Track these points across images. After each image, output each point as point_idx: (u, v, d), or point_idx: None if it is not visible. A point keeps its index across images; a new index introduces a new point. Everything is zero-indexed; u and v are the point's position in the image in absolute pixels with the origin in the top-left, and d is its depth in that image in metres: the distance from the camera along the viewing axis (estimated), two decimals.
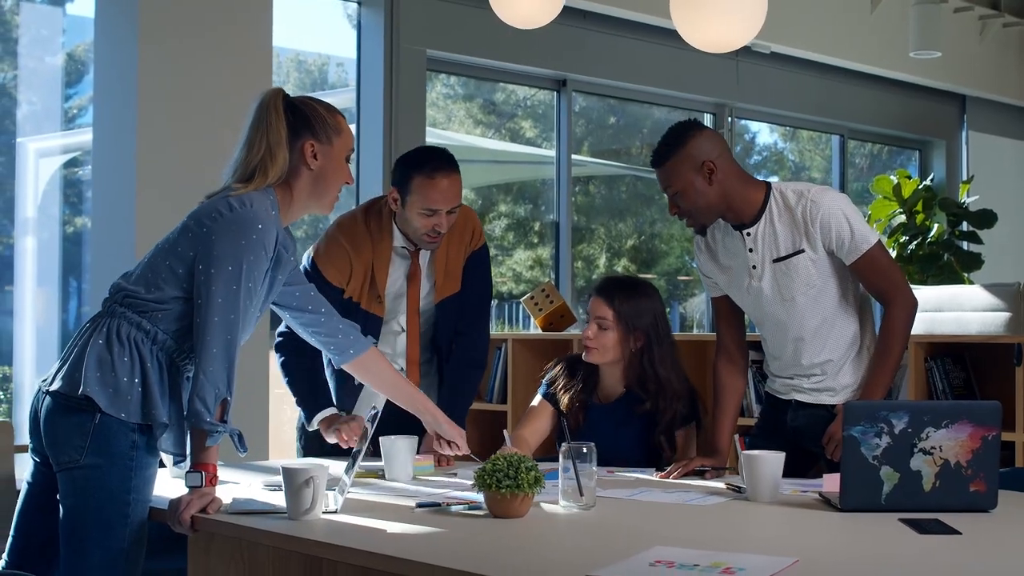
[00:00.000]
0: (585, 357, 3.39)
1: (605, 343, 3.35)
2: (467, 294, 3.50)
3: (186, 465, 2.61)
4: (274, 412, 5.21)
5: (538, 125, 7.87)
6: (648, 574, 1.92)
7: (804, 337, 3.14)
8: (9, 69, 5.75)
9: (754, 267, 3.13)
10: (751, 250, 3.12)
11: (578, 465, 2.57)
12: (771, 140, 9.56)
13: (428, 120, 6.67)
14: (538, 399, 3.51)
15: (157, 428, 2.58)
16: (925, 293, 5.27)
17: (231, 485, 2.93)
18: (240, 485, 2.96)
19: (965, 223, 8.11)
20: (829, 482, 2.73)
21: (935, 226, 7.99)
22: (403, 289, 3.45)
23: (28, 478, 2.72)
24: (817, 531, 2.40)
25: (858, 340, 3.16)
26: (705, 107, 8.15)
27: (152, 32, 4.85)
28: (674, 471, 3.11)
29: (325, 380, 3.35)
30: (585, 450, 2.59)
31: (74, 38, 5.97)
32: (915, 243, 7.97)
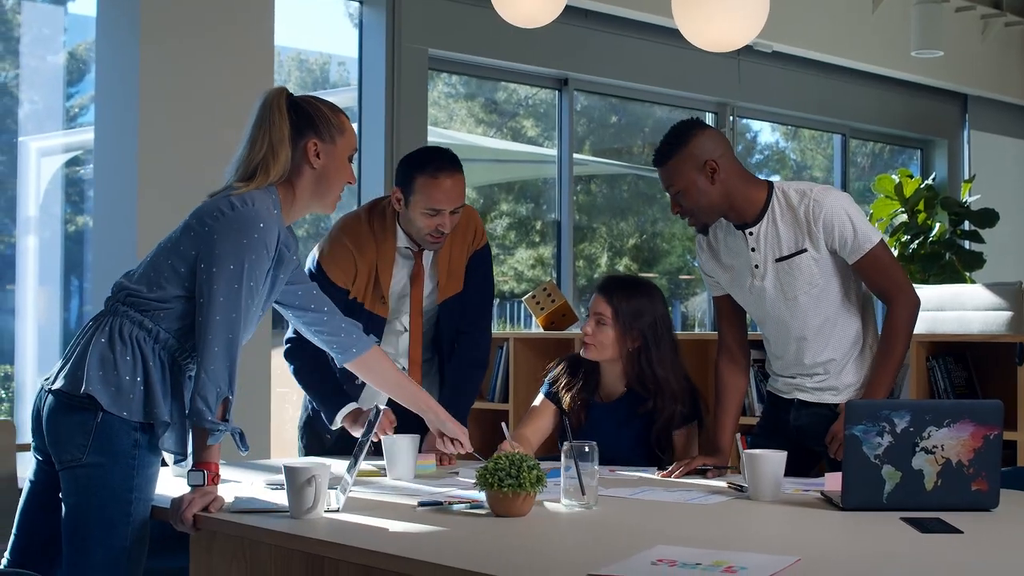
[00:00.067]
0: (582, 353, 3.40)
1: (602, 340, 3.35)
2: (469, 294, 3.50)
3: (188, 464, 2.61)
4: (276, 411, 5.21)
5: (540, 124, 7.87)
6: (650, 573, 1.92)
7: (807, 336, 3.14)
8: (11, 68, 5.75)
9: (756, 266, 3.13)
10: (753, 249, 3.12)
11: (580, 464, 2.57)
12: (773, 139, 9.56)
13: (430, 119, 6.67)
14: (540, 398, 3.51)
15: (159, 427, 2.58)
16: (927, 292, 5.26)
17: (233, 484, 2.93)
18: (242, 484, 2.96)
19: (967, 222, 8.11)
20: (831, 481, 2.73)
21: (937, 225, 7.99)
22: (406, 289, 3.45)
23: (30, 477, 2.72)
24: (819, 530, 2.40)
25: (860, 339, 3.16)
26: (707, 106, 8.15)
27: (154, 31, 4.85)
28: (676, 470, 3.11)
29: (339, 378, 3.33)
30: (587, 449, 2.59)
31: (75, 37, 5.97)
32: (917, 242, 7.97)
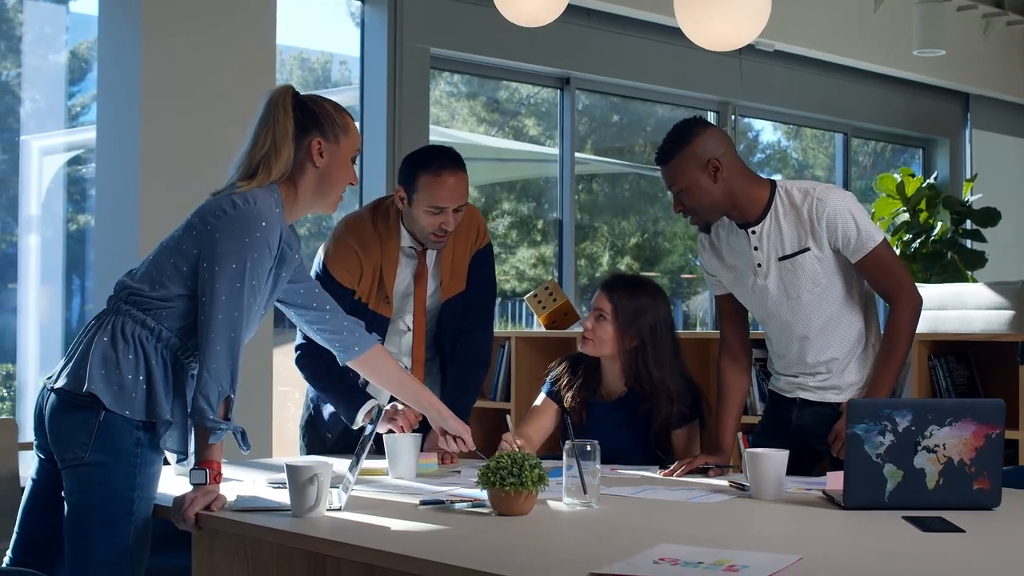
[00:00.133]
0: (581, 348, 3.41)
1: (601, 335, 3.36)
2: (472, 293, 3.51)
3: (190, 462, 2.61)
4: (277, 410, 5.22)
5: (541, 123, 7.87)
6: (652, 571, 1.92)
7: (809, 335, 3.14)
8: (13, 67, 5.75)
9: (759, 265, 3.13)
10: (756, 248, 3.12)
11: (582, 463, 2.57)
12: (774, 138, 9.56)
13: (431, 118, 6.67)
14: (542, 397, 3.51)
15: (161, 426, 2.58)
16: (929, 291, 5.26)
17: (235, 482, 2.93)
18: (244, 482, 2.96)
19: (968, 221, 8.11)
20: (833, 480, 2.73)
21: (938, 224, 7.99)
22: (410, 289, 3.45)
23: (33, 475, 2.72)
24: (821, 529, 2.40)
25: (863, 338, 3.16)
26: (708, 105, 8.15)
27: (155, 30, 4.85)
28: (678, 469, 3.11)
29: (354, 377, 3.33)
30: (589, 448, 2.60)
31: (77, 36, 5.97)
32: (918, 241, 7.97)
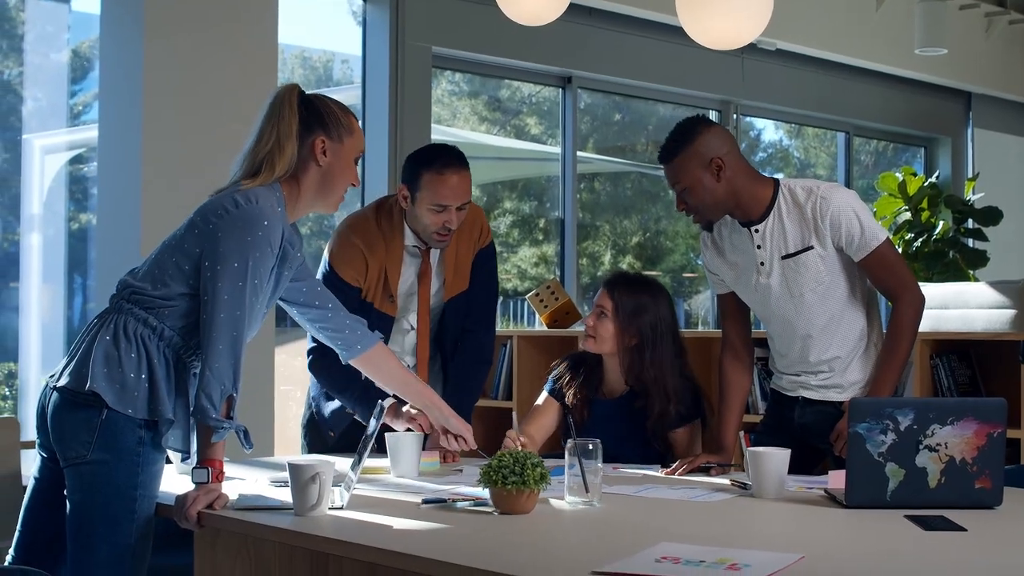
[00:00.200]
0: (582, 344, 3.41)
1: (603, 333, 3.37)
2: (475, 291, 3.51)
3: (192, 461, 2.61)
4: (279, 409, 5.22)
5: (543, 122, 7.87)
6: (654, 570, 1.92)
7: (812, 334, 3.14)
8: (14, 65, 5.76)
9: (762, 264, 3.13)
10: (759, 247, 3.12)
11: (584, 461, 2.57)
12: (776, 137, 9.55)
13: (433, 117, 6.67)
14: (544, 396, 3.52)
15: (163, 424, 2.58)
16: (930, 290, 5.25)
17: (237, 481, 2.94)
18: (246, 481, 2.97)
19: (970, 220, 8.11)
20: (834, 479, 2.73)
21: (940, 223, 7.98)
22: (414, 288, 3.45)
23: (35, 474, 2.72)
24: (822, 527, 2.40)
25: (865, 336, 3.16)
26: (710, 104, 8.14)
27: (157, 28, 4.85)
28: (679, 468, 3.11)
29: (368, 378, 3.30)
30: (591, 446, 2.60)
31: (79, 34, 5.97)
32: (920, 240, 7.97)
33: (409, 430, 3.19)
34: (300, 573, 2.35)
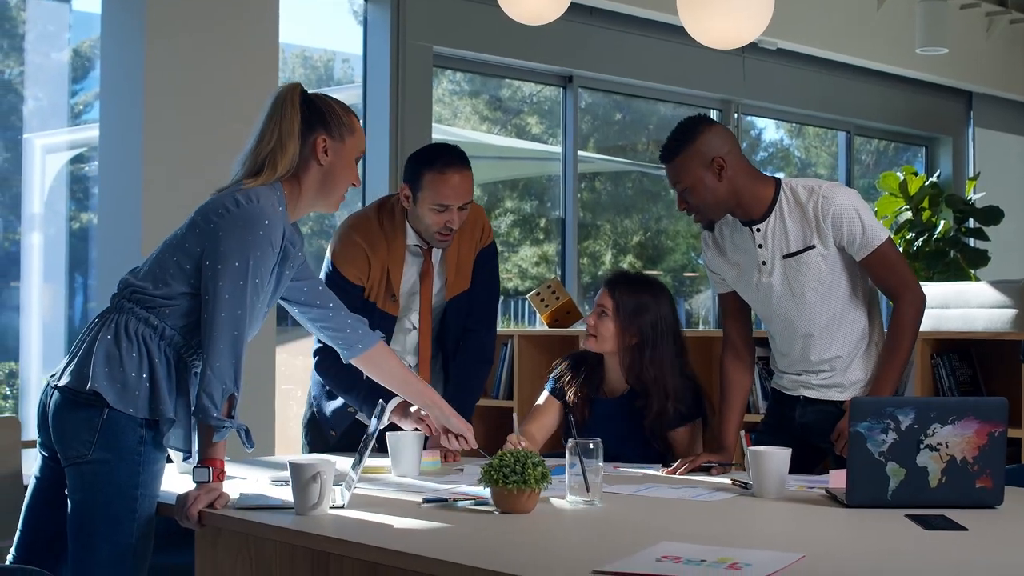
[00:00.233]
0: (583, 344, 3.42)
1: (603, 332, 3.37)
2: (476, 291, 3.51)
3: (193, 460, 2.61)
4: (280, 408, 5.22)
5: (544, 121, 7.87)
6: (655, 569, 1.92)
7: (813, 333, 3.14)
8: (15, 65, 5.76)
9: (764, 263, 3.13)
10: (761, 246, 3.12)
11: (585, 461, 2.57)
12: (777, 136, 9.55)
13: (434, 116, 6.67)
14: (544, 395, 3.52)
15: (164, 423, 2.58)
16: (931, 290, 5.24)
17: (238, 480, 2.94)
18: (247, 480, 2.97)
19: (971, 220, 8.11)
20: (835, 478, 2.73)
21: (941, 223, 7.98)
22: (416, 287, 3.45)
23: (36, 473, 2.72)
24: (823, 527, 2.40)
25: (867, 336, 3.16)
26: (711, 103, 8.14)
27: (159, 28, 4.85)
28: (680, 467, 3.11)
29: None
30: (592, 446, 2.60)
31: (80, 34, 5.98)
32: (921, 240, 7.97)
33: (416, 430, 3.19)
34: (301, 572, 2.35)
